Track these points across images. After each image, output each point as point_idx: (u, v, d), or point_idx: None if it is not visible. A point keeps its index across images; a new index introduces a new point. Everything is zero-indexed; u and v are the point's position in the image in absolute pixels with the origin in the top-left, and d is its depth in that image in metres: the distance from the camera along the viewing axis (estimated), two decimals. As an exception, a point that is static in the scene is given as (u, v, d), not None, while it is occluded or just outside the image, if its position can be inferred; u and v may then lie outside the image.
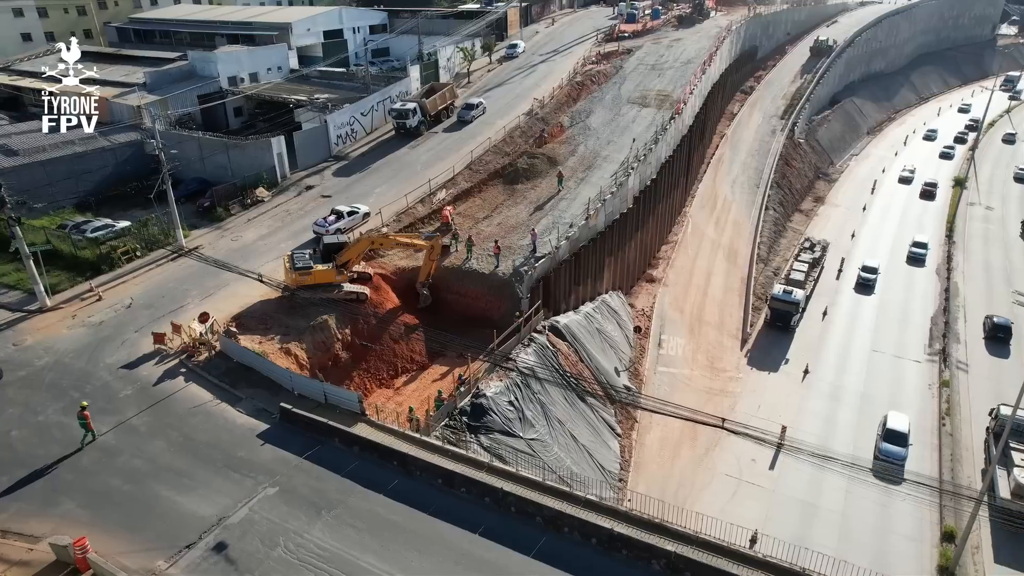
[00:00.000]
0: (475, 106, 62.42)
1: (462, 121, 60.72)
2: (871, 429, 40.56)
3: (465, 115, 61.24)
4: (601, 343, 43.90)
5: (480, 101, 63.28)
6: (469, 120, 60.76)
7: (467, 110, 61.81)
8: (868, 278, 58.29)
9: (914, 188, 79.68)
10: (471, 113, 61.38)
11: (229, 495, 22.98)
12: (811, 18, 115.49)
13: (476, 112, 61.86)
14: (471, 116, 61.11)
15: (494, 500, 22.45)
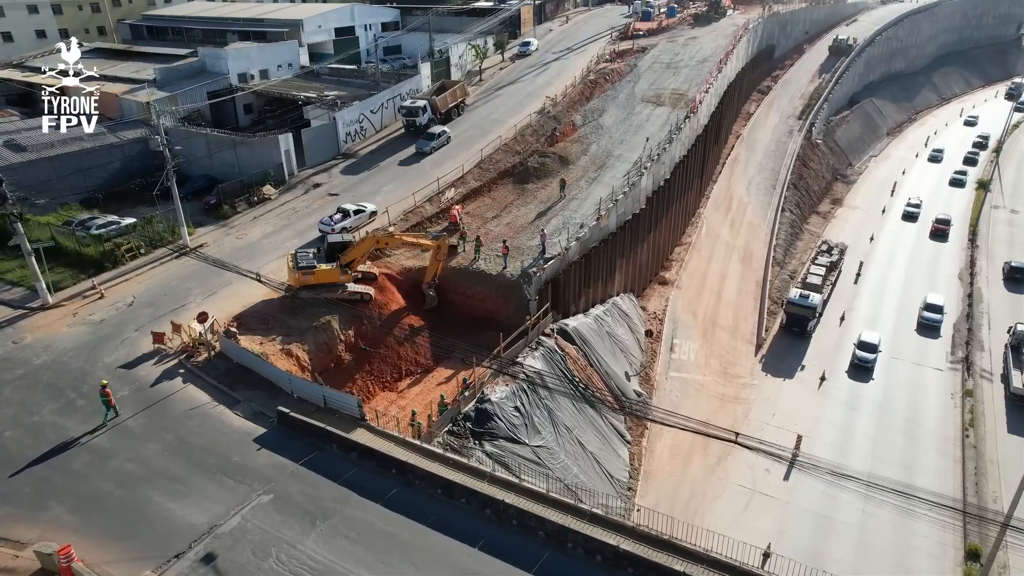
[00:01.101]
0: (436, 135, 54.04)
1: (420, 153, 52.73)
2: (890, 438, 39.22)
3: (424, 145, 52.91)
4: (611, 347, 42.88)
5: (443, 130, 55.18)
6: (428, 152, 52.74)
7: (427, 140, 53.64)
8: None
9: (922, 225, 68.35)
10: (431, 144, 53.04)
11: (222, 502, 22.24)
12: (830, 16, 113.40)
13: (437, 142, 53.60)
14: (431, 147, 52.87)
15: (495, 512, 21.52)
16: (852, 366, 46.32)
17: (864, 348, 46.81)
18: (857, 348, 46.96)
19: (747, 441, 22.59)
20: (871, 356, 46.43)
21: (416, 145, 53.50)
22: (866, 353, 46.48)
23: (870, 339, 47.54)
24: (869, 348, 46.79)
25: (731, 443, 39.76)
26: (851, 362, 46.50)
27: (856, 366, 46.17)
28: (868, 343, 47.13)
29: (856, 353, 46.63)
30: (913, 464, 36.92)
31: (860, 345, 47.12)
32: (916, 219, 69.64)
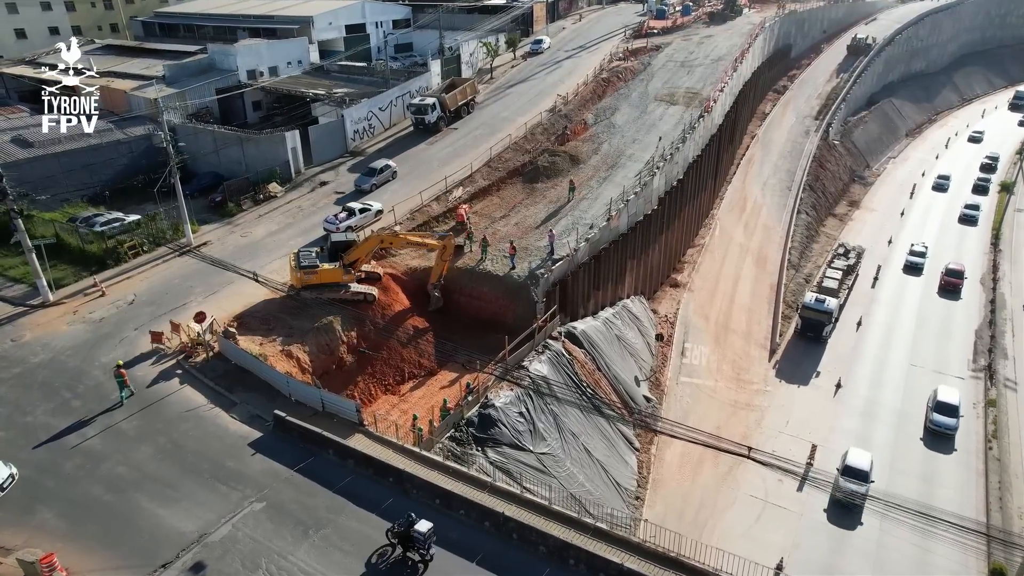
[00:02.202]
0: (378, 170, 47.60)
1: (360, 191, 46.67)
2: (908, 449, 37.91)
3: (363, 183, 46.99)
4: (621, 351, 41.85)
5: (387, 164, 48.61)
6: (368, 189, 46.40)
7: (367, 176, 47.43)
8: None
9: (928, 278, 57.16)
10: (371, 180, 46.86)
11: (213, 509, 21.53)
12: (849, 15, 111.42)
13: (379, 178, 47.37)
14: (371, 184, 46.72)
15: (494, 525, 20.62)
16: (927, 431, 38.76)
17: (943, 411, 38.76)
18: (934, 411, 38.89)
19: (761, 456, 21.44)
20: (952, 422, 38.30)
21: (355, 182, 47.66)
22: (946, 418, 38.48)
23: (949, 399, 39.33)
24: (949, 411, 38.73)
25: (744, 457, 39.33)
26: (925, 427, 39.04)
27: (933, 432, 38.51)
28: (948, 404, 38.95)
29: (933, 418, 38.67)
30: (933, 476, 35.61)
31: (938, 407, 38.97)
32: (920, 271, 58.08)
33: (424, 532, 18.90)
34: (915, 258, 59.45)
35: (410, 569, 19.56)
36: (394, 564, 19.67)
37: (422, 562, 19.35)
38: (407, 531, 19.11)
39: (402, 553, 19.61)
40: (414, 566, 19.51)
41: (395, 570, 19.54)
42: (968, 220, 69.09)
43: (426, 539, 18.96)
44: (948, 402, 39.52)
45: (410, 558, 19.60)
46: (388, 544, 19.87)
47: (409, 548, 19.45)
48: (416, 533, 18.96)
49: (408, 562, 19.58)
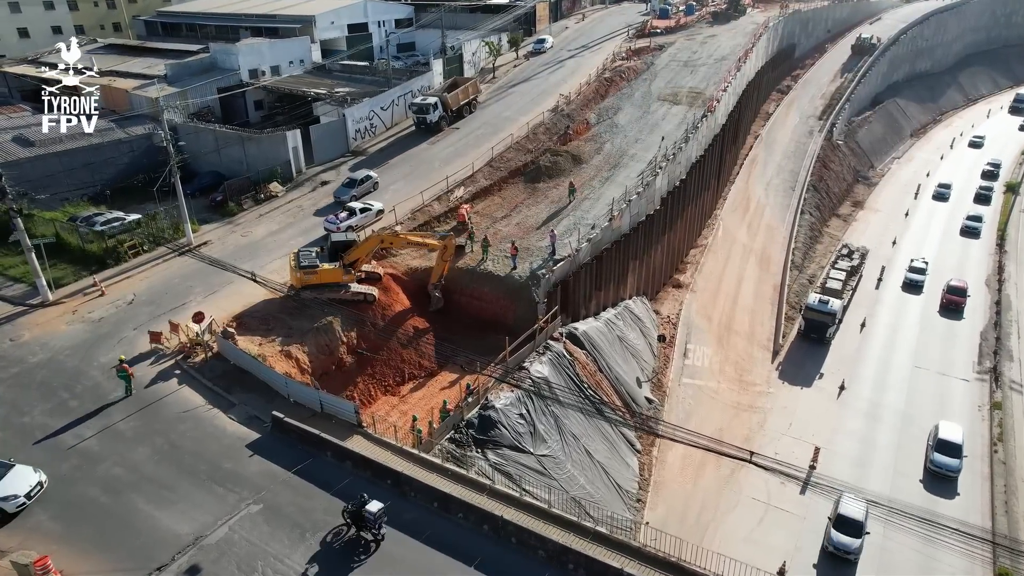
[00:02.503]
0: (358, 181, 45.57)
1: (339, 202, 44.13)
2: (912, 451, 37.58)
3: (343, 194, 44.65)
4: (622, 352, 41.60)
5: (369, 174, 46.57)
6: (348, 201, 43.59)
7: (347, 187, 45.29)
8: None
9: (929, 296, 54.12)
10: (351, 192, 44.68)
11: (210, 511, 21.35)
12: (853, 15, 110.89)
13: (359, 189, 45.11)
14: (350, 195, 44.31)
15: (493, 528, 20.40)
16: (927, 472, 36.01)
17: (944, 450, 35.84)
18: (935, 450, 36.07)
19: (763, 461, 21.18)
20: (955, 463, 35.47)
21: (334, 193, 45.52)
22: (948, 458, 35.63)
23: (952, 438, 36.43)
24: (952, 451, 35.80)
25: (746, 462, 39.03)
26: (924, 467, 36.30)
27: (933, 473, 35.82)
28: (951, 443, 36.10)
29: (934, 459, 35.85)
30: (938, 479, 35.22)
31: (939, 446, 36.12)
32: (920, 288, 54.99)
33: (375, 512, 19.71)
34: (915, 275, 55.88)
35: (363, 548, 20.22)
36: (348, 543, 20.39)
37: (374, 541, 20.21)
38: (359, 511, 19.90)
39: (356, 532, 20.38)
40: (367, 545, 20.24)
41: (349, 548, 20.23)
42: (970, 232, 65.73)
43: (376, 519, 19.76)
44: (950, 440, 36.10)
45: (363, 537, 20.37)
46: (344, 524, 20.64)
47: (362, 528, 20.21)
48: (367, 513, 19.75)
49: (361, 541, 20.35)
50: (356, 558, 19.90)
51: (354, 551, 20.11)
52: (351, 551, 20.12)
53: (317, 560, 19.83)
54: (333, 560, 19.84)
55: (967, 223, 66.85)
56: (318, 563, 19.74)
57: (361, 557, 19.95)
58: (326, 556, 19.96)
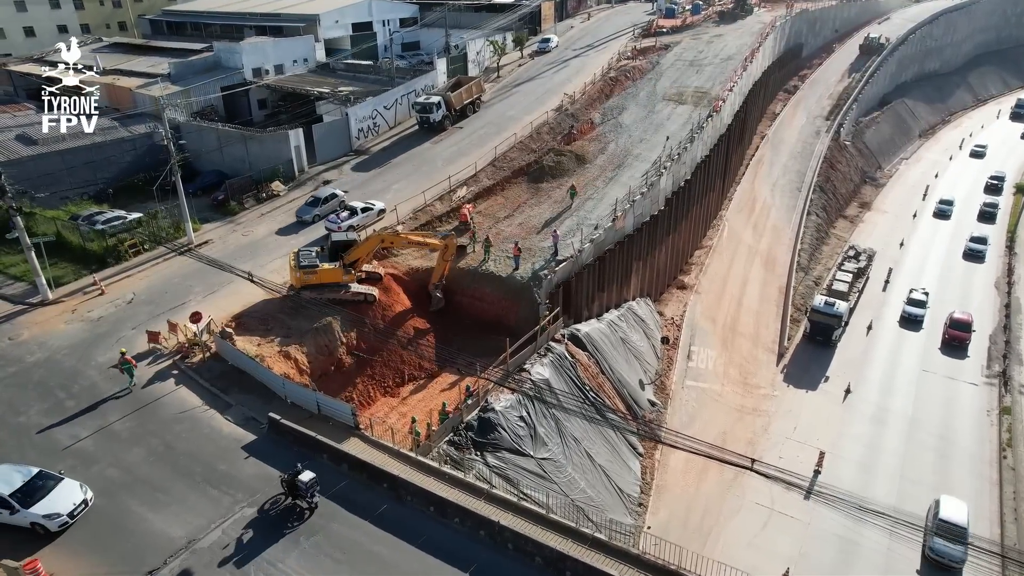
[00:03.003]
0: (323, 199, 43.05)
1: (302, 222, 42.28)
2: (920, 457, 37.04)
3: (306, 213, 42.47)
4: (625, 354, 41.18)
5: (335, 193, 44.06)
6: (311, 220, 42.06)
7: (310, 205, 42.96)
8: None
9: (930, 332, 48.52)
10: (313, 211, 42.34)
11: (203, 514, 21.10)
12: (862, 14, 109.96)
13: (324, 208, 42.52)
14: (313, 215, 42.20)
15: (489, 534, 20.05)
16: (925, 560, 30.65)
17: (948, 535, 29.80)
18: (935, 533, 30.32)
19: (765, 468, 20.76)
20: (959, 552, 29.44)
21: (297, 212, 43.12)
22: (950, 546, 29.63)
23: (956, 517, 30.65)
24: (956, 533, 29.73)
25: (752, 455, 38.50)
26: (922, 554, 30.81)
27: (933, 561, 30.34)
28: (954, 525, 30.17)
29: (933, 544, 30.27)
30: (946, 486, 34.64)
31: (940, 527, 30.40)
32: (920, 324, 49.33)
33: (306, 482, 21.08)
34: (914, 308, 49.82)
35: (297, 515, 21.46)
36: (284, 511, 21.66)
37: (308, 509, 21.43)
38: (293, 480, 21.18)
39: (291, 501, 21.60)
40: (300, 512, 21.46)
41: (285, 515, 21.53)
42: (974, 256, 60.04)
43: (308, 488, 21.10)
44: (954, 522, 30.35)
45: (298, 505, 21.54)
46: (281, 493, 21.86)
47: (297, 496, 21.41)
48: (300, 483, 21.05)
49: (296, 509, 21.57)
50: (290, 524, 21.17)
51: (289, 518, 21.39)
52: (286, 517, 21.41)
53: (253, 526, 21.03)
54: (268, 526, 21.12)
55: (971, 246, 61.05)
56: (253, 529, 20.94)
57: (295, 524, 21.17)
58: (262, 522, 21.23)
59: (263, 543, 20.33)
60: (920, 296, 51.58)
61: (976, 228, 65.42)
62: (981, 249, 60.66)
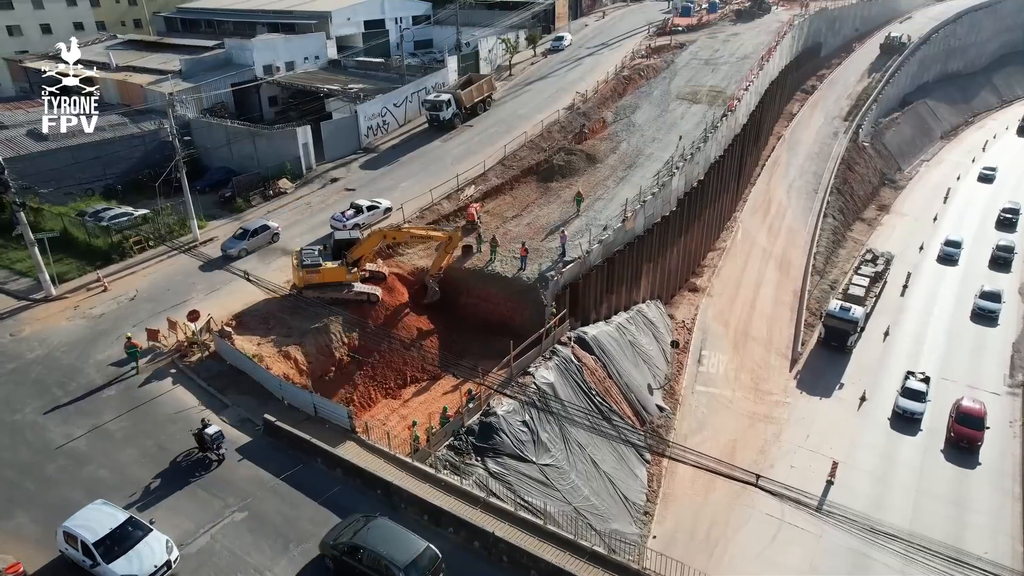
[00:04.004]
0: (249, 232, 37.85)
1: (227, 256, 36.82)
2: (938, 469, 35.84)
3: (232, 246, 37.21)
4: (634, 357, 40.34)
5: (267, 224, 39.13)
6: (236, 255, 36.78)
7: (238, 239, 37.65)
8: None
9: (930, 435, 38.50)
10: (241, 244, 37.19)
11: (192, 518, 20.63)
12: (882, 13, 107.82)
13: (252, 241, 37.58)
14: (240, 249, 36.99)
15: (483, 545, 19.37)
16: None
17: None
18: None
19: (771, 486, 19.89)
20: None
21: (223, 246, 37.71)
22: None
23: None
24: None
25: (762, 458, 37.52)
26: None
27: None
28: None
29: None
30: (965, 500, 33.49)
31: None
32: (919, 423, 39.08)
33: (212, 435, 22.91)
34: (910, 402, 39.64)
35: (205, 466, 23.14)
36: (195, 462, 23.32)
37: (216, 460, 23.16)
38: (200, 434, 22.99)
39: (201, 453, 23.25)
40: (209, 463, 23.14)
41: (194, 466, 23.19)
42: (985, 317, 49.59)
43: (214, 440, 22.92)
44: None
45: (207, 456, 23.20)
46: (194, 447, 23.54)
47: (205, 449, 23.15)
48: (206, 436, 22.86)
49: (205, 460, 23.23)
50: (197, 473, 22.87)
51: (198, 468, 23.11)
52: (196, 468, 23.11)
53: (164, 476, 22.70)
54: (178, 475, 22.86)
55: (980, 304, 50.43)
56: (163, 478, 22.64)
57: (201, 473, 22.85)
58: (173, 472, 22.99)
59: (168, 490, 22.04)
60: (918, 384, 40.74)
61: (988, 278, 55.25)
62: (994, 308, 49.91)
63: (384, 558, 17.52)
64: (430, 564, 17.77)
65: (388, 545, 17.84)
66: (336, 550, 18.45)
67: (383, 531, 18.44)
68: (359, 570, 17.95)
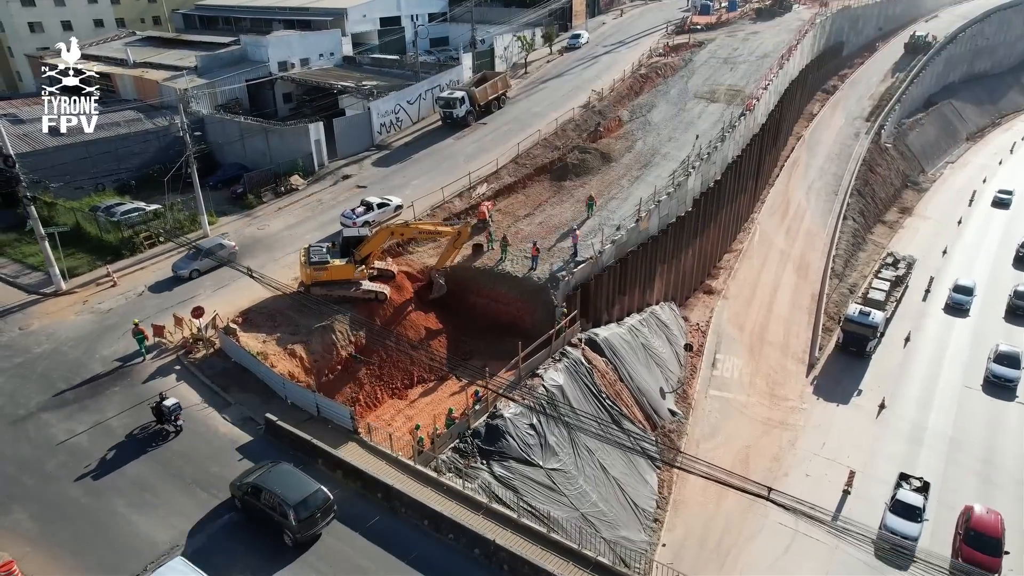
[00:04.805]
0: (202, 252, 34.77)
1: (178, 278, 34.67)
2: (960, 481, 34.69)
3: (182, 267, 34.87)
4: (646, 360, 39.57)
5: (222, 243, 36.24)
6: (189, 277, 34.50)
7: (189, 259, 35.16)
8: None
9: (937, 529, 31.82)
10: (192, 265, 34.79)
11: (190, 518, 20.30)
12: (907, 12, 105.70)
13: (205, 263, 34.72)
14: (191, 270, 34.68)
15: (484, 553, 18.80)
16: None
17: None
18: None
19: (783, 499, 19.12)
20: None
21: (174, 266, 35.42)
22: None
23: None
24: None
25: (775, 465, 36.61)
26: None
27: None
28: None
29: None
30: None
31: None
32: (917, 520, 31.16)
33: (170, 406, 23.77)
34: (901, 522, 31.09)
35: (162, 437, 23.93)
36: (153, 434, 24.05)
37: (174, 432, 24.00)
38: (159, 406, 23.79)
39: (159, 425, 24.04)
40: (166, 435, 23.95)
41: (152, 437, 23.93)
42: (1001, 387, 40.55)
43: (171, 412, 23.76)
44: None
45: (164, 428, 23.98)
46: (153, 419, 24.27)
47: (163, 420, 23.88)
48: (164, 407, 23.69)
49: (162, 432, 24.00)
50: (154, 444, 23.63)
51: (155, 439, 23.87)
52: (153, 439, 23.88)
53: (119, 448, 23.37)
54: (136, 445, 23.56)
55: (995, 371, 41.20)
56: (118, 449, 23.32)
57: (159, 443, 23.63)
58: (130, 443, 23.63)
59: (126, 459, 22.76)
60: (911, 497, 31.98)
61: (1003, 336, 45.81)
62: (1013, 376, 40.67)
63: (279, 496, 19.44)
64: (320, 504, 19.68)
65: (284, 486, 19.83)
66: (241, 490, 20.56)
67: (282, 474, 20.51)
68: (259, 507, 20.02)
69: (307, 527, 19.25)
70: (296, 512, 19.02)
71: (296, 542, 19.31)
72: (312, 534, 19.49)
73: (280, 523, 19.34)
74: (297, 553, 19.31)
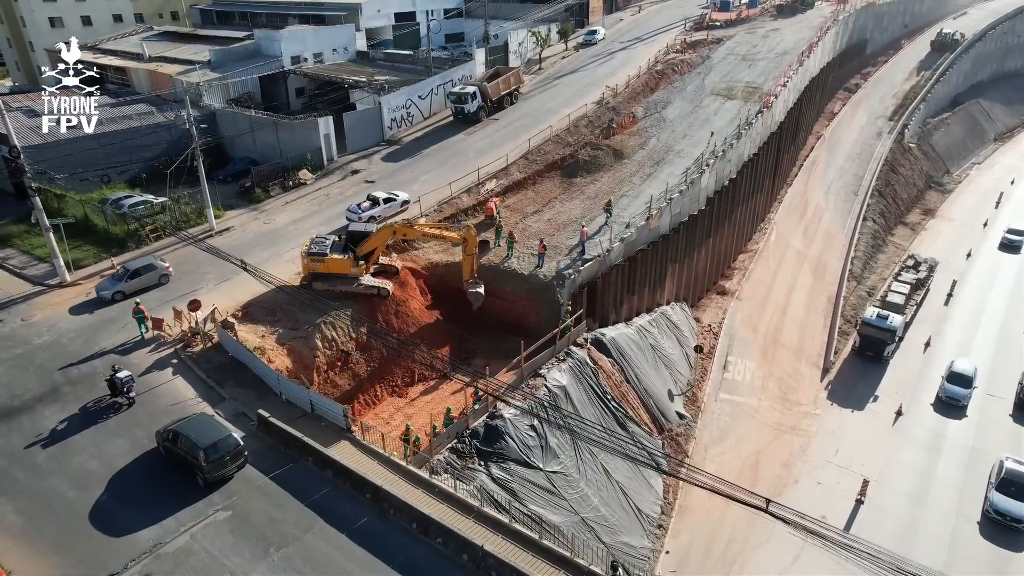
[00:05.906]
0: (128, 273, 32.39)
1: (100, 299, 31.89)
2: (979, 493, 33.33)
3: (105, 288, 32.08)
4: (655, 361, 38.67)
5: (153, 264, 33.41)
6: (110, 299, 31.69)
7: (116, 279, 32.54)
8: None
9: None
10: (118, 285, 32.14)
11: (174, 515, 19.87)
12: (934, 9, 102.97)
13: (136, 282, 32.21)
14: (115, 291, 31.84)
15: (472, 559, 18.15)
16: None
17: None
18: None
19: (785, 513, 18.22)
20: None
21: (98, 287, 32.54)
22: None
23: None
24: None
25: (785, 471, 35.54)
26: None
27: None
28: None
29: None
30: (1009, 529, 30.97)
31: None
32: None
33: (123, 379, 24.53)
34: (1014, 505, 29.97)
35: (115, 409, 24.65)
36: (107, 407, 24.72)
37: (127, 404, 24.67)
38: (112, 379, 24.39)
39: (112, 398, 24.65)
40: (119, 407, 24.64)
41: (106, 410, 24.64)
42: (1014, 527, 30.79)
43: (123, 383, 24.46)
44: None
45: (117, 401, 24.60)
46: (107, 393, 24.85)
47: (116, 393, 24.48)
48: (117, 379, 24.36)
49: (115, 404, 24.65)
50: (106, 415, 24.35)
51: (109, 412, 24.53)
52: (107, 412, 24.53)
53: (71, 420, 24.01)
54: (89, 416, 24.31)
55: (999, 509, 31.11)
56: (69, 422, 23.98)
57: (110, 415, 24.35)
58: (83, 415, 24.36)
59: (78, 429, 23.52)
60: None
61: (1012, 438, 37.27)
62: None
63: (192, 440, 21.12)
64: (229, 448, 21.33)
65: (197, 432, 21.54)
66: (162, 436, 22.28)
67: (199, 423, 22.36)
68: (177, 452, 21.67)
69: (216, 468, 20.96)
70: (206, 454, 20.72)
71: (207, 482, 20.97)
72: (221, 475, 21.10)
73: (192, 465, 21.03)
74: (206, 492, 20.98)
